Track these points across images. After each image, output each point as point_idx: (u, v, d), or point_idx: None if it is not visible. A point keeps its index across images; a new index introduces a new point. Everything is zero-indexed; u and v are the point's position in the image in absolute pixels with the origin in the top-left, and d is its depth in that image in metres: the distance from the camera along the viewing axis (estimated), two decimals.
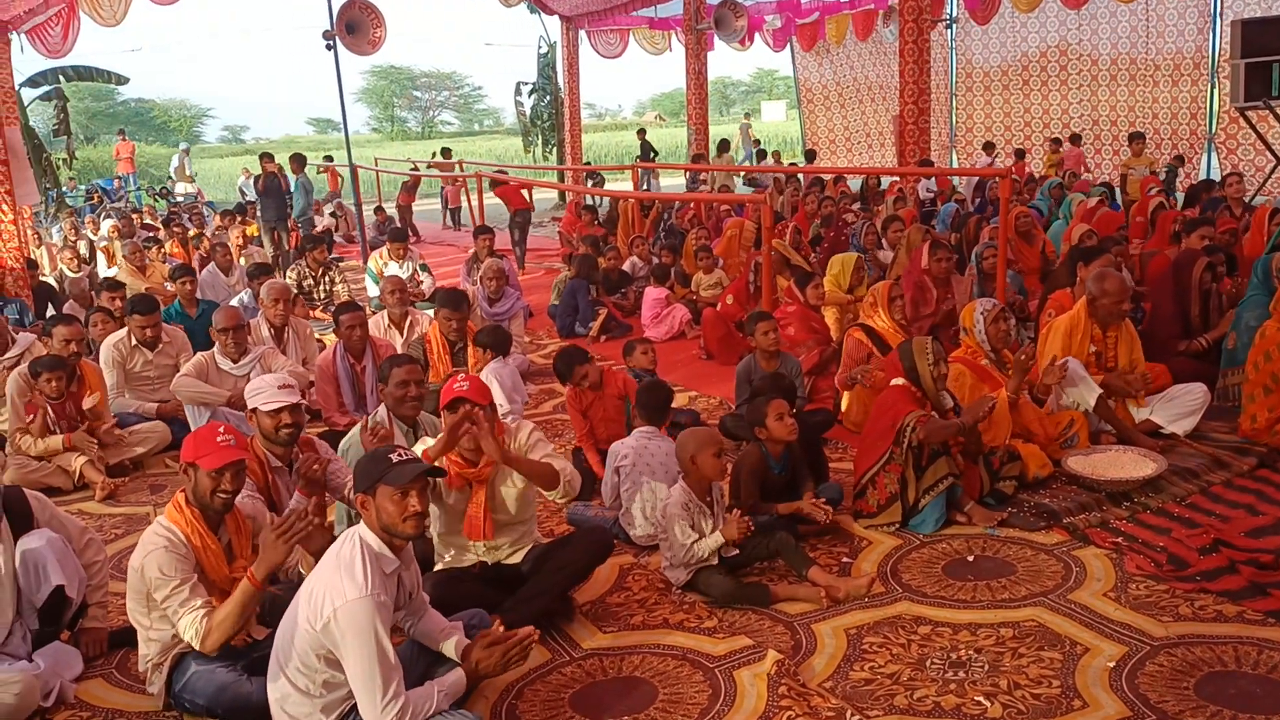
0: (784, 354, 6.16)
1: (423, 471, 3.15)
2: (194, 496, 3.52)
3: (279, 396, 4.20)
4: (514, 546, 4.08)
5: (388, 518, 3.09)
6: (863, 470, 4.81)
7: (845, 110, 26.46)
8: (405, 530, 3.10)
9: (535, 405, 7.39)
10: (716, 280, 9.76)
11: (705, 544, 4.15)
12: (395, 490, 3.08)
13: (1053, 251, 8.99)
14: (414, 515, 3.10)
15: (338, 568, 3.01)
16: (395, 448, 3.24)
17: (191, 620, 3.32)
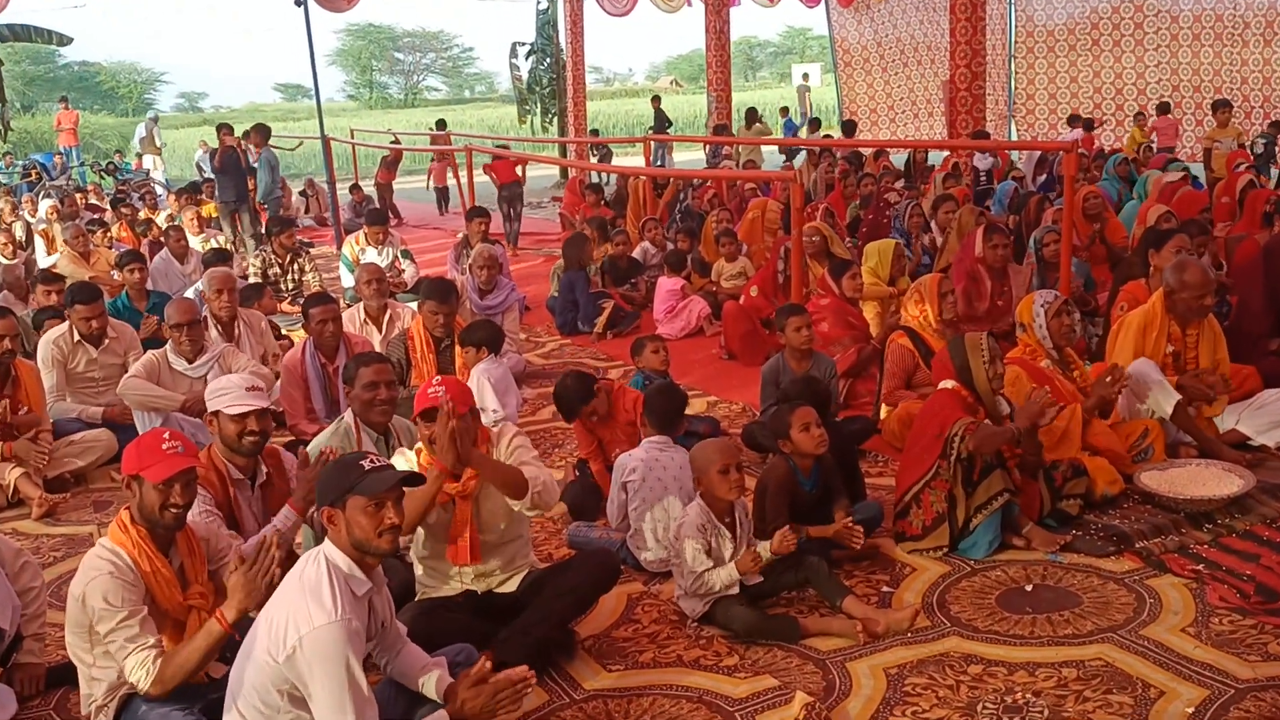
0: (817, 353, 6.16)
1: (400, 479, 3.16)
2: (140, 514, 3.53)
3: (245, 399, 4.21)
4: (506, 572, 4.09)
5: (360, 532, 3.10)
6: (905, 486, 4.80)
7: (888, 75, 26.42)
8: (380, 546, 3.11)
9: (531, 411, 7.41)
10: (740, 269, 9.76)
11: (718, 576, 4.15)
12: (369, 501, 3.09)
13: (1125, 237, 8.96)
14: (390, 529, 3.11)
15: (302, 591, 3.02)
16: (366, 454, 3.24)
17: (141, 661, 3.32)
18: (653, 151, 19.47)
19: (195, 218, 13.11)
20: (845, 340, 6.95)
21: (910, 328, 6.15)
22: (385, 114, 56.03)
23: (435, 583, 4.08)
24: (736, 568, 4.14)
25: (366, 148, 27.72)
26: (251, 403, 4.21)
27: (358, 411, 4.72)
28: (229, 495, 4.23)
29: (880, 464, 5.92)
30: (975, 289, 7.37)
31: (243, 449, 4.24)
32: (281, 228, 10.74)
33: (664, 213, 13.47)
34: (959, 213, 9.21)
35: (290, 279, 10.61)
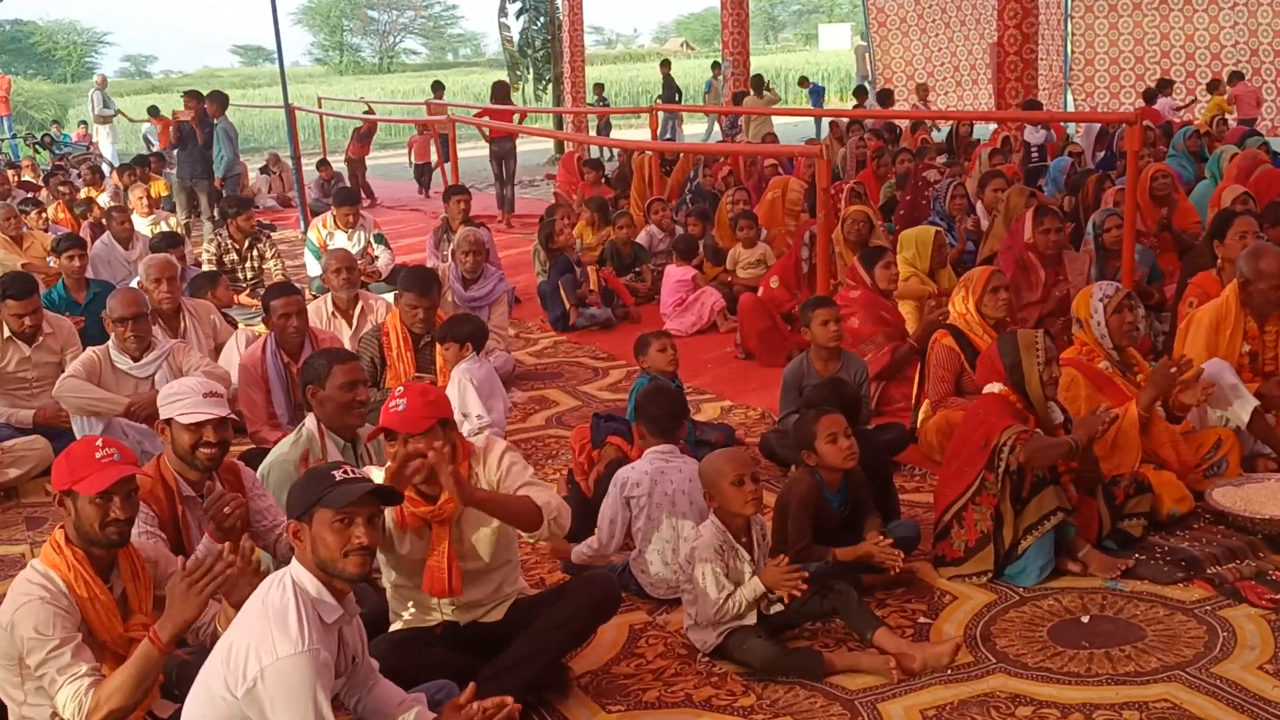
0: (846, 353, 6.16)
1: (369, 491, 3.17)
2: (76, 533, 3.54)
3: (203, 407, 4.21)
4: (493, 600, 4.09)
5: (326, 551, 3.12)
6: (946, 503, 4.79)
7: (928, 37, 26.39)
8: (345, 569, 3.13)
9: (522, 418, 7.42)
10: (759, 256, 9.77)
11: (741, 595, 4.16)
12: (335, 516, 3.11)
13: (1196, 222, 8.95)
14: (359, 550, 3.13)
15: (265, 616, 3.03)
16: (339, 464, 3.26)
17: (74, 693, 3.33)
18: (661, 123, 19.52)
19: (144, 197, 13.12)
20: (878, 338, 6.95)
21: (955, 326, 6.12)
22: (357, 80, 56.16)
23: (410, 612, 4.08)
24: (763, 580, 4.14)
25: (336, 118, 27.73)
26: (209, 411, 4.20)
27: (326, 416, 4.72)
28: (177, 513, 4.23)
29: (916, 478, 5.92)
30: (1025, 280, 7.36)
31: (198, 463, 4.23)
32: (238, 209, 10.73)
33: (673, 192, 13.49)
34: (1007, 193, 9.20)
35: (249, 266, 10.63)
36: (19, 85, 41.08)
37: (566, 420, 7.28)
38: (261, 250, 10.67)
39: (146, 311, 6.59)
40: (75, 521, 3.52)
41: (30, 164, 20.80)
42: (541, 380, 8.34)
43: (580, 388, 8.08)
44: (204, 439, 4.20)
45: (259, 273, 10.64)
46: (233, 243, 10.58)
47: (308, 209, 15.87)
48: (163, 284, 7.40)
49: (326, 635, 3.11)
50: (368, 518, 3.16)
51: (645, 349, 6.09)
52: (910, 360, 6.78)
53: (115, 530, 3.52)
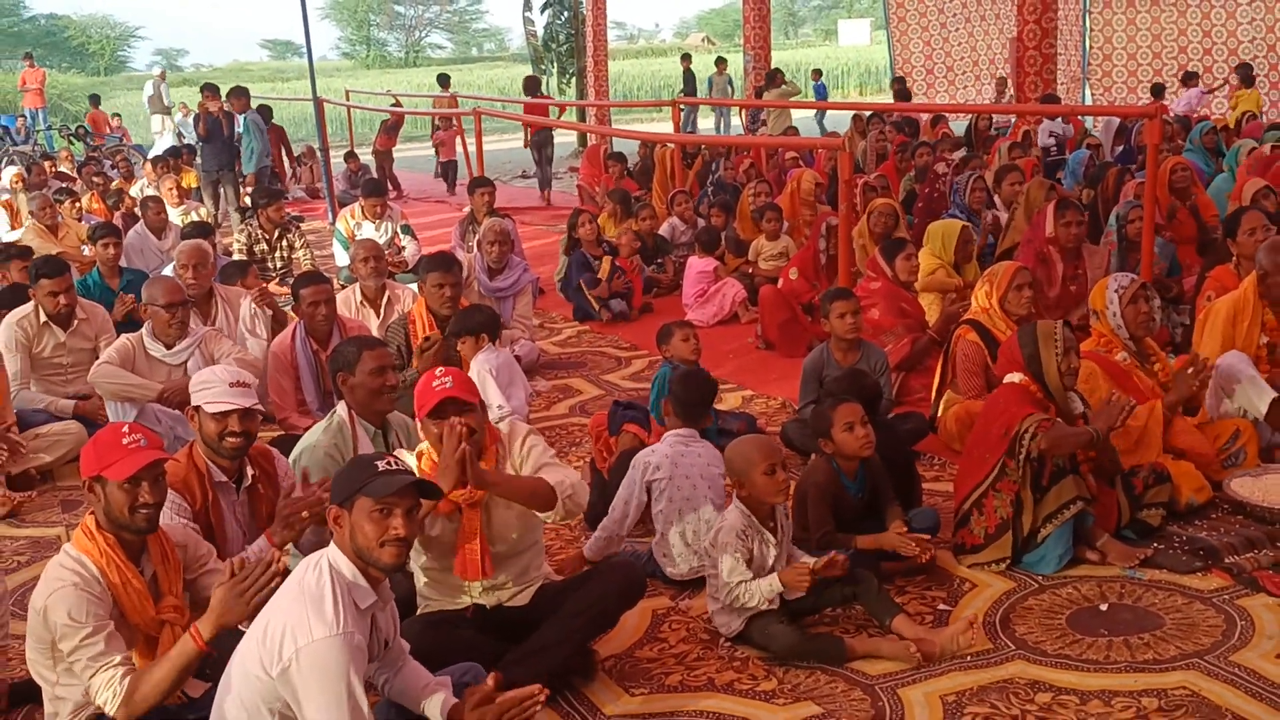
0: (866, 344, 6.15)
1: (410, 483, 3.17)
2: (106, 519, 3.55)
3: (229, 396, 4.21)
4: (519, 585, 4.10)
5: (363, 539, 3.13)
6: (966, 491, 4.78)
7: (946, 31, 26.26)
8: (381, 558, 3.14)
9: (545, 406, 7.43)
10: (782, 249, 9.74)
11: (757, 588, 4.15)
12: (375, 505, 3.12)
13: (1214, 215, 8.88)
14: (395, 540, 3.13)
15: (301, 599, 3.05)
16: (382, 455, 3.26)
17: (107, 680, 3.35)
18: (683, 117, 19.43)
19: (174, 188, 13.16)
20: (898, 329, 6.92)
21: (977, 320, 6.08)
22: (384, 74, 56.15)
23: (440, 595, 4.09)
24: (781, 579, 4.13)
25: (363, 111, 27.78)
26: (235, 401, 4.20)
27: (357, 403, 4.72)
28: (208, 499, 4.24)
29: (936, 467, 5.91)
30: (1045, 273, 7.31)
31: (224, 451, 4.24)
32: (269, 200, 10.76)
33: (694, 185, 13.45)
34: (1027, 186, 9.14)
35: (279, 256, 10.66)
36: (53, 78, 41.26)
37: (589, 409, 7.27)
38: (291, 240, 10.70)
39: (187, 299, 6.62)
40: (105, 507, 3.53)
41: (66, 155, 20.84)
42: (565, 369, 8.34)
43: (603, 377, 8.07)
44: (229, 429, 4.20)
45: (288, 262, 10.67)
46: (263, 233, 10.62)
47: (335, 200, 15.88)
48: (189, 270, 7.43)
49: (361, 620, 3.12)
50: (407, 510, 3.16)
51: (668, 338, 6.09)
52: (930, 351, 6.75)
53: (144, 515, 3.53)
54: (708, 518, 4.66)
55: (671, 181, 13.12)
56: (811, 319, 8.09)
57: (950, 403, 6.10)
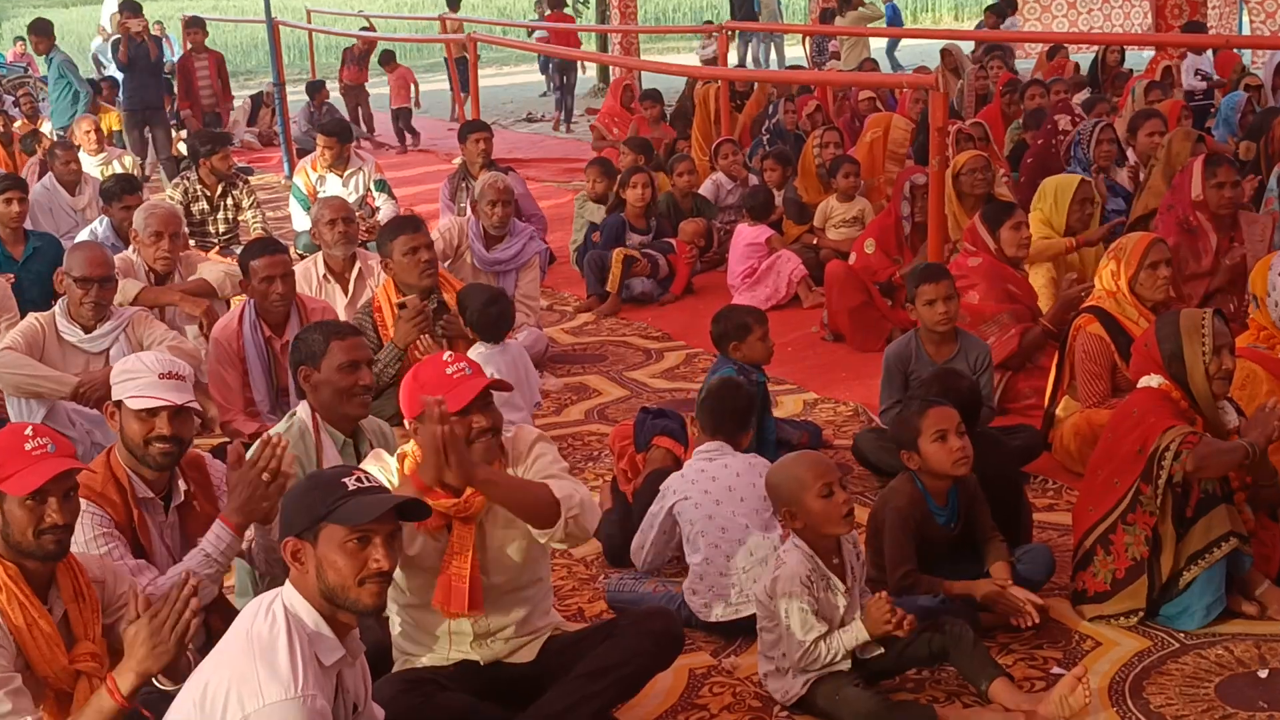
0: (963, 334, 6.13)
1: (397, 506, 3.17)
2: (5, 543, 3.55)
3: (157, 390, 4.21)
4: (521, 635, 4.09)
5: (335, 577, 3.12)
6: (1089, 524, 4.75)
7: None
8: (360, 599, 3.13)
9: (555, 410, 7.45)
10: (856, 213, 9.70)
11: (838, 641, 4.14)
12: (349, 534, 3.11)
13: None
14: (376, 575, 3.13)
15: (250, 652, 3.05)
16: (349, 469, 3.25)
17: None
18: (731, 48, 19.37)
19: (93, 131, 13.19)
20: (1003, 317, 6.89)
21: (1101, 308, 6.04)
22: None
23: (419, 646, 4.09)
24: (866, 625, 4.11)
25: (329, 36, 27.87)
26: (164, 396, 4.19)
27: (322, 404, 4.72)
28: (133, 518, 4.24)
29: (1050, 492, 5.88)
30: (1191, 246, 7.26)
31: (149, 459, 4.24)
32: (213, 145, 10.73)
33: (745, 132, 13.41)
34: (1168, 138, 9.07)
35: (221, 219, 10.68)
36: None
37: (611, 414, 7.29)
38: (237, 198, 10.71)
39: (114, 275, 6.64)
40: (4, 529, 3.53)
41: None
42: (580, 363, 8.35)
43: (628, 374, 8.10)
44: (157, 431, 4.19)
45: (233, 226, 10.67)
46: (203, 188, 10.56)
47: (292, 148, 15.93)
48: (164, 241, 7.50)
49: (324, 679, 3.11)
50: (387, 536, 3.16)
51: (744, 334, 6.04)
52: (1043, 346, 6.72)
53: (53, 539, 3.52)
54: (754, 546, 4.68)
55: (716, 128, 13.08)
56: (891, 303, 8.06)
57: (1068, 411, 6.08)
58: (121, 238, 8.55)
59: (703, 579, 4.78)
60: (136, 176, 11.42)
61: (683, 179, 10.57)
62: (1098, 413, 5.77)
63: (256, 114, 20.27)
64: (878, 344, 7.56)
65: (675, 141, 13.54)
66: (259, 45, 34.62)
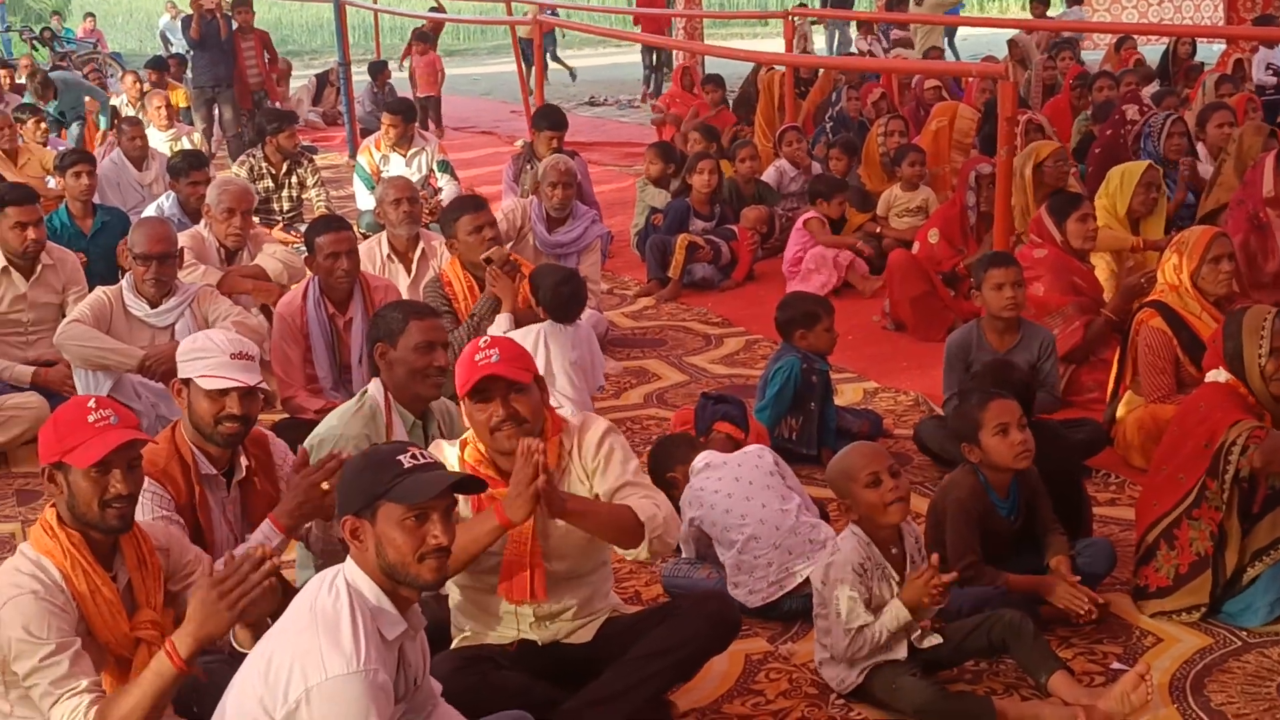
0: (1028, 324, 6.10)
1: (454, 484, 3.19)
2: (70, 514, 3.59)
3: (230, 371, 4.22)
4: (579, 618, 4.11)
5: (394, 553, 3.14)
6: (1153, 518, 4.72)
7: None
8: (420, 575, 3.15)
9: (614, 393, 7.46)
10: (920, 202, 9.66)
11: (881, 626, 4.13)
12: (408, 512, 3.13)
13: None
14: (435, 551, 3.14)
15: (314, 626, 3.07)
16: (405, 446, 3.27)
17: (70, 710, 3.38)
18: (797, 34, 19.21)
19: (163, 107, 13.29)
20: (1068, 309, 6.84)
21: (1164, 302, 5.98)
22: None
23: (478, 624, 4.12)
24: (903, 600, 4.10)
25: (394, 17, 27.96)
26: (236, 377, 4.22)
27: (395, 384, 4.73)
28: (195, 495, 4.28)
29: (1112, 487, 5.84)
30: (1261, 243, 7.19)
31: (216, 437, 4.27)
32: (280, 124, 10.81)
33: (809, 119, 13.37)
34: (1239, 132, 8.96)
35: (286, 196, 10.75)
36: None
37: (670, 399, 7.29)
38: (302, 176, 10.79)
39: (175, 251, 6.69)
40: (69, 500, 3.56)
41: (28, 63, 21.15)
42: (639, 348, 8.35)
43: (687, 359, 8.09)
44: (226, 410, 4.21)
45: (297, 204, 10.74)
46: (268, 166, 10.67)
47: (356, 128, 15.98)
48: (236, 217, 7.57)
49: (386, 653, 3.14)
50: (444, 511, 3.18)
51: (812, 323, 6.07)
52: (1107, 338, 6.66)
53: (117, 511, 3.56)
54: (771, 517, 4.76)
55: (779, 114, 13.04)
56: (955, 293, 8.01)
57: (1131, 406, 6.04)
58: (188, 213, 8.63)
59: (740, 569, 4.80)
60: (204, 153, 11.49)
61: (745, 165, 10.57)
62: (1162, 407, 5.73)
63: (321, 94, 20.39)
64: (939, 334, 7.52)
65: (738, 127, 13.50)
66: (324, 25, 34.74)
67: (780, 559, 4.72)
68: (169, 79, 17.06)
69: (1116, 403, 6.14)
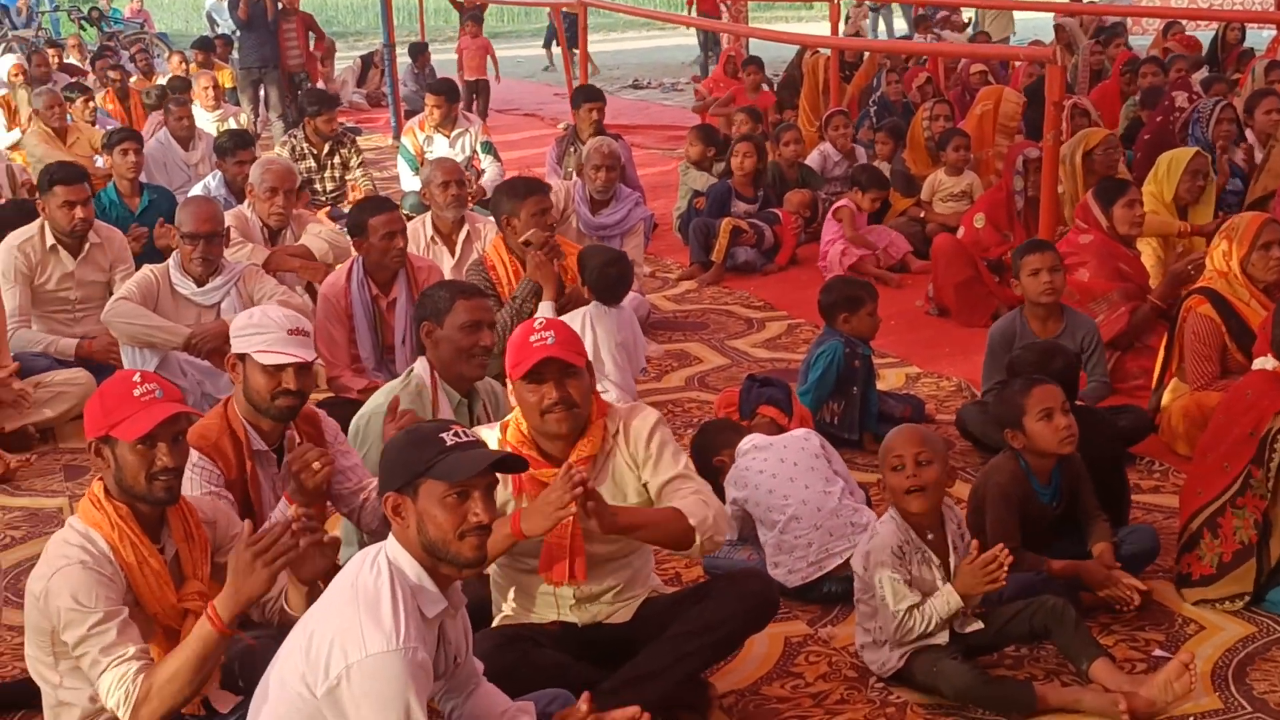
0: (1072, 312, 6.08)
1: (494, 462, 3.20)
2: (118, 487, 3.62)
3: (287, 346, 4.25)
4: (619, 598, 4.12)
5: (435, 531, 3.16)
6: (1196, 506, 4.70)
7: None
8: (461, 552, 3.17)
9: (656, 376, 7.47)
10: (965, 187, 9.62)
11: (931, 609, 4.12)
12: (449, 490, 3.14)
13: None
14: (476, 529, 3.16)
15: (354, 603, 3.09)
16: (447, 424, 3.28)
17: (119, 678, 3.41)
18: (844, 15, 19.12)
19: (210, 87, 13.35)
20: (1113, 296, 6.81)
21: (1212, 288, 5.94)
22: None
23: (518, 605, 4.13)
24: (958, 588, 4.10)
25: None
26: (294, 353, 4.25)
27: (441, 362, 4.76)
28: (246, 471, 4.32)
29: (1156, 474, 5.82)
30: None
31: (272, 411, 4.30)
32: (320, 106, 10.85)
33: (853, 103, 13.32)
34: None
35: (328, 177, 10.78)
36: None
37: (711, 382, 7.29)
38: (345, 157, 10.81)
39: (223, 230, 6.74)
40: (116, 474, 3.59)
41: (75, 43, 21.26)
42: (681, 331, 8.35)
43: (729, 343, 8.09)
44: (283, 385, 4.25)
45: (340, 185, 10.78)
46: (310, 147, 10.71)
47: (400, 108, 16.00)
48: (279, 197, 7.61)
49: (427, 631, 3.16)
50: (485, 489, 3.19)
51: (855, 307, 6.07)
52: (1153, 325, 6.62)
53: (163, 483, 3.59)
54: (811, 498, 4.75)
55: (824, 98, 13.00)
56: (999, 279, 7.98)
57: (1177, 393, 6.01)
58: (234, 193, 8.69)
59: (780, 549, 4.81)
60: (250, 134, 11.54)
61: (789, 149, 10.53)
62: (1207, 395, 5.70)
63: (366, 75, 20.43)
64: (983, 320, 7.52)
65: (782, 111, 13.46)
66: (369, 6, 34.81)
67: (820, 540, 4.72)
68: (215, 59, 17.17)
69: (1162, 389, 6.11)
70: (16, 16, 24.87)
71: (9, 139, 12.75)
